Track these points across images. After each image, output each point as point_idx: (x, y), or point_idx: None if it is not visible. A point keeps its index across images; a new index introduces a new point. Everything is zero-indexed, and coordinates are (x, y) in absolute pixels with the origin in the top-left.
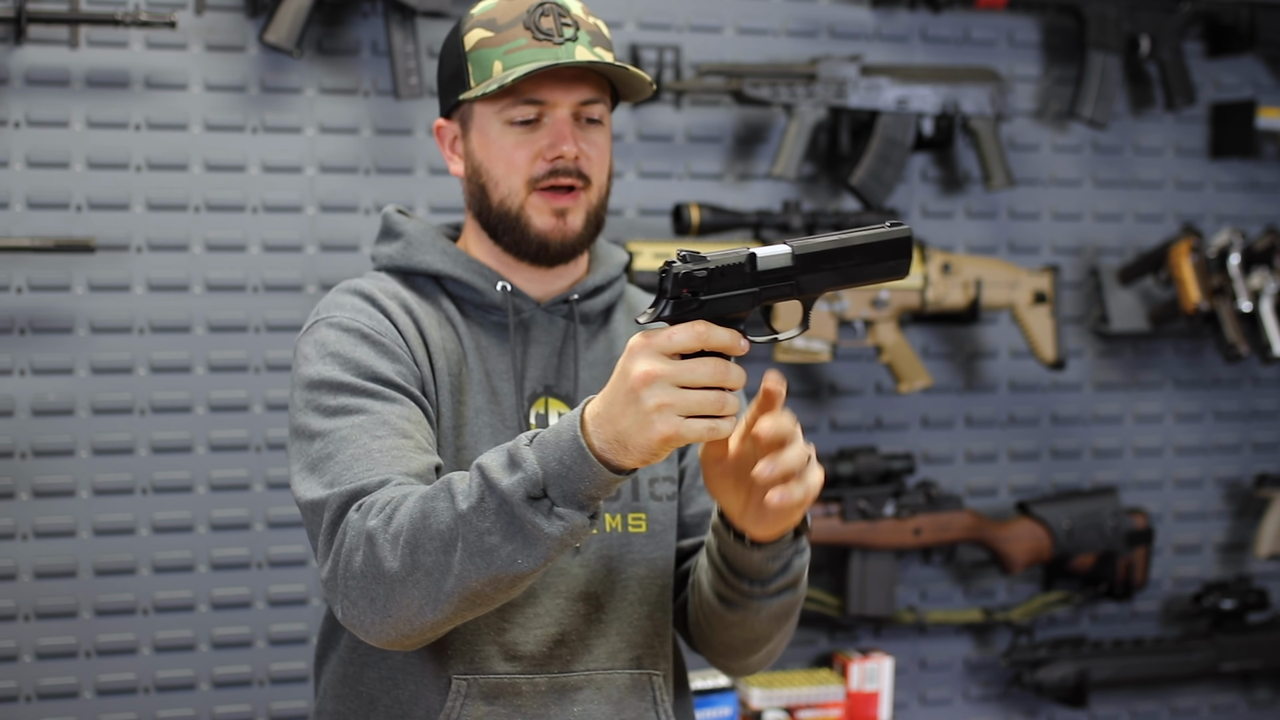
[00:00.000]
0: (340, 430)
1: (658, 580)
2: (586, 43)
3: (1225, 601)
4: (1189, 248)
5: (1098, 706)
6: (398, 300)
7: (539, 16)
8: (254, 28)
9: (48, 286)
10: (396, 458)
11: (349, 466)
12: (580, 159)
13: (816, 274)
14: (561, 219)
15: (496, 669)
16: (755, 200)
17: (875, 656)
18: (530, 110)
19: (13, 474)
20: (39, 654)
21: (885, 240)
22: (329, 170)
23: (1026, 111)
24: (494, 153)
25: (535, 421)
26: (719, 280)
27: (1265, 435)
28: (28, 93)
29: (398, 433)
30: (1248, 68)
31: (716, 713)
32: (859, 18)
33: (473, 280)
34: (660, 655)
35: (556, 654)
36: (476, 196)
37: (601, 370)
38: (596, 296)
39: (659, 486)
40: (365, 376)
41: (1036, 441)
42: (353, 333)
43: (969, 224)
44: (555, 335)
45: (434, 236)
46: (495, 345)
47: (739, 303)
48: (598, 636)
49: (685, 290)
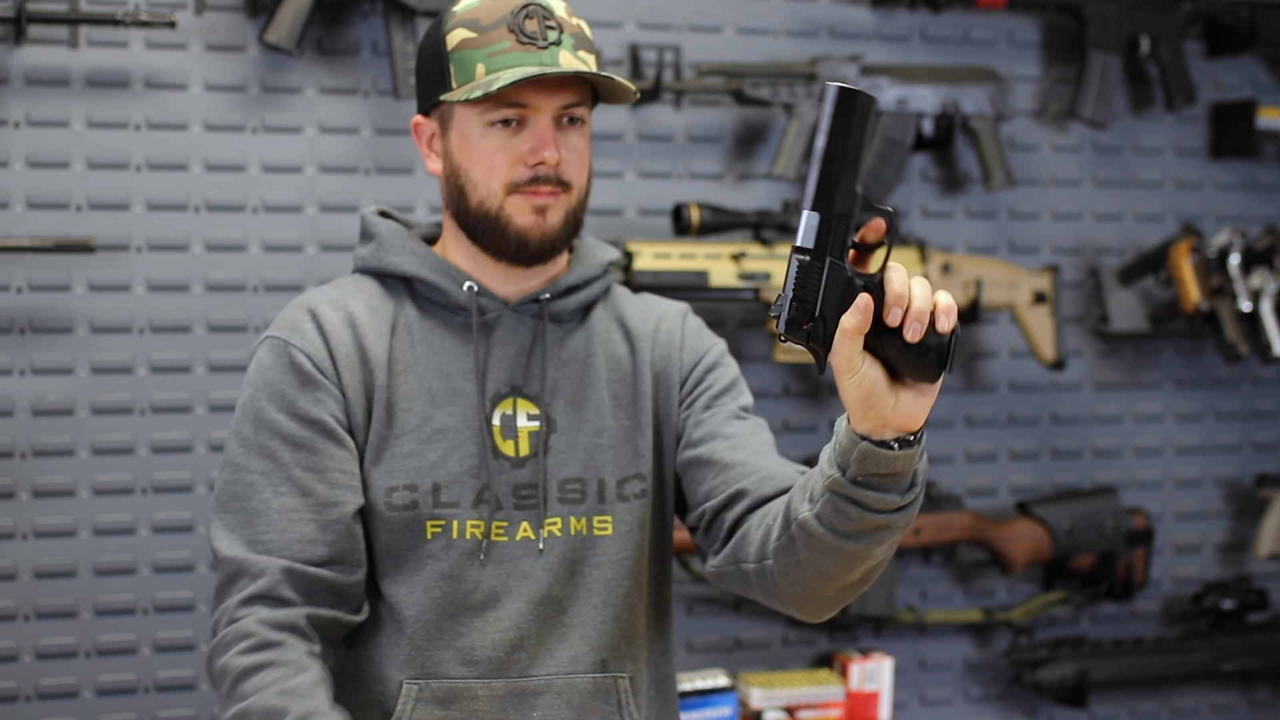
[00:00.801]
0: (248, 474)
1: (624, 582)
2: (570, 46)
3: (1225, 601)
4: (1189, 248)
5: (1098, 706)
6: (344, 313)
7: (523, 19)
8: (254, 28)
9: (48, 286)
10: (291, 522)
11: (249, 523)
12: (561, 165)
13: (842, 194)
14: (541, 216)
15: (451, 673)
16: (755, 200)
17: (875, 656)
18: (512, 113)
19: (13, 474)
20: (39, 654)
21: (838, 111)
22: (329, 170)
23: (1026, 111)
24: (474, 155)
25: (500, 422)
26: (826, 294)
27: (1265, 435)
28: (28, 93)
29: (298, 490)
30: (1248, 68)
31: (716, 713)
32: (859, 18)
33: (438, 281)
34: (627, 658)
35: (515, 658)
36: (455, 197)
37: (576, 370)
38: (570, 296)
39: (628, 486)
40: (286, 412)
41: (1036, 441)
42: (284, 360)
43: (969, 224)
44: (524, 335)
45: (405, 238)
46: (460, 346)
47: (841, 281)
48: (559, 641)
49: (805, 327)
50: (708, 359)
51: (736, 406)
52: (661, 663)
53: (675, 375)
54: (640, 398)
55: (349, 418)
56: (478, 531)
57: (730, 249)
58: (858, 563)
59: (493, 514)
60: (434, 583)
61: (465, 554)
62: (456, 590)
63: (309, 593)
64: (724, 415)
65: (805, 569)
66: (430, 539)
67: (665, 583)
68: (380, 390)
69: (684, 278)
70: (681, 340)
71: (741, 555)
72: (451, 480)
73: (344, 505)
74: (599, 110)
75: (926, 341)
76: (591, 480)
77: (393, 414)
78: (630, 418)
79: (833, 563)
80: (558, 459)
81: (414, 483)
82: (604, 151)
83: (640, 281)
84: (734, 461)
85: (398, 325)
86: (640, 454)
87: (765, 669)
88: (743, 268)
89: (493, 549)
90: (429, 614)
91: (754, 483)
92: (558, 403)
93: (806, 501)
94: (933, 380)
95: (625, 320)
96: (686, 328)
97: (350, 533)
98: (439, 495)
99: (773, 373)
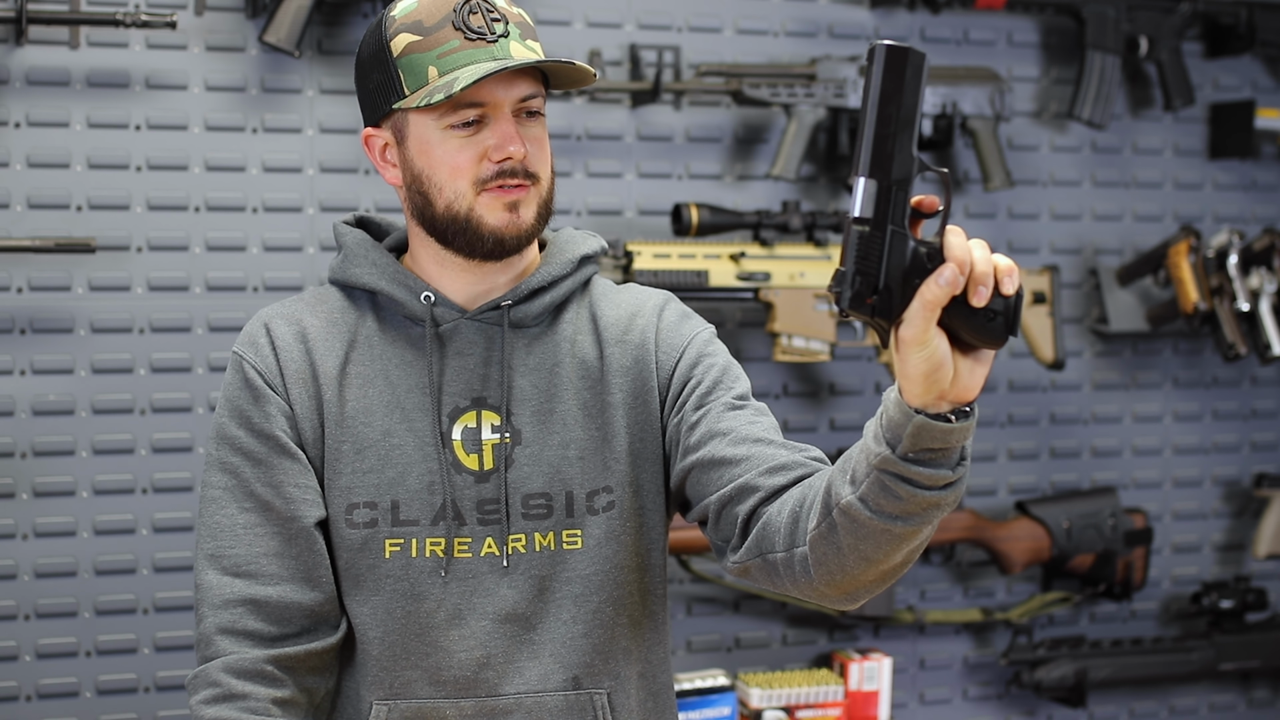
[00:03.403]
0: (212, 489)
1: (594, 597)
2: (517, 36)
3: (1224, 601)
4: (1188, 248)
5: (1096, 706)
6: (297, 328)
7: (467, 14)
8: (254, 28)
9: (48, 286)
10: (257, 537)
11: (214, 537)
12: (527, 158)
13: (900, 159)
14: (514, 212)
15: (419, 694)
16: (755, 200)
17: (874, 656)
18: (472, 113)
19: (13, 474)
20: (39, 654)
21: (889, 71)
22: (329, 170)
23: (1025, 112)
24: (435, 159)
25: (462, 436)
26: (890, 265)
27: (1264, 435)
28: (28, 93)
29: (260, 505)
30: (1246, 68)
31: (716, 712)
32: (859, 18)
33: (394, 292)
34: (605, 674)
35: (482, 677)
36: (419, 205)
37: (543, 378)
38: (534, 300)
39: (598, 499)
40: (244, 427)
41: (1035, 441)
42: (239, 375)
43: (968, 224)
44: (484, 344)
45: (369, 248)
46: (419, 359)
47: (905, 251)
48: (530, 659)
49: (869, 301)
50: (689, 354)
51: (730, 397)
52: (657, 673)
53: (652, 380)
54: (609, 407)
55: (299, 433)
56: (438, 549)
57: (730, 249)
58: (902, 544)
59: (455, 530)
60: (396, 602)
61: (426, 572)
62: (420, 609)
63: (279, 620)
64: (718, 410)
65: (846, 555)
66: (389, 558)
67: (654, 592)
68: (330, 406)
69: (684, 278)
70: (656, 339)
71: (767, 546)
72: (410, 497)
73: (304, 519)
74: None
75: (992, 306)
76: (559, 494)
77: (349, 430)
78: (599, 428)
79: (876, 547)
80: (521, 472)
81: (373, 500)
82: (604, 151)
83: (640, 281)
84: (736, 457)
85: (359, 339)
86: (609, 466)
87: (764, 669)
88: (742, 268)
89: (455, 565)
90: (393, 634)
91: (762, 474)
92: (524, 413)
93: (849, 484)
94: (1000, 344)
95: (598, 320)
96: (662, 323)
97: (313, 547)
98: (398, 513)
99: (773, 373)
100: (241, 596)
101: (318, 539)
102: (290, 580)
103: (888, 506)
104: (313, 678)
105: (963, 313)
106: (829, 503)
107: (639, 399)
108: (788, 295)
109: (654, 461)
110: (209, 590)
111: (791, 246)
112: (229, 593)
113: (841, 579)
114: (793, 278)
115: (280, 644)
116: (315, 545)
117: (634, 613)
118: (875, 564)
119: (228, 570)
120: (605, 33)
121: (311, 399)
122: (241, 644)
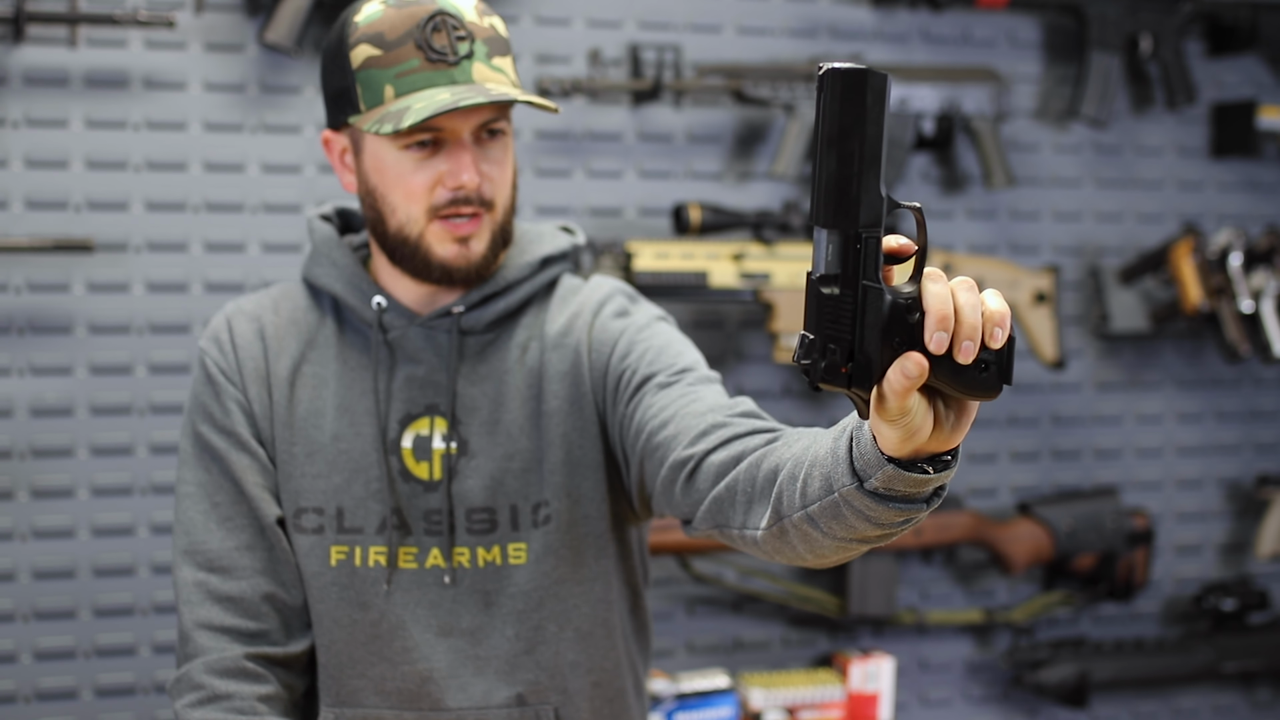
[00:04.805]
0: (185, 485)
1: (536, 613)
2: (484, 55)
3: (1226, 602)
4: (1190, 248)
5: (1098, 707)
6: (257, 325)
7: (430, 32)
8: (253, 28)
9: (47, 286)
10: (229, 532)
11: (187, 533)
12: (482, 184)
13: (867, 201)
14: (464, 245)
15: (365, 702)
16: (755, 200)
17: (875, 657)
18: (427, 136)
19: (12, 474)
20: (38, 654)
21: (848, 99)
22: (329, 170)
23: (1027, 111)
24: (389, 179)
25: (413, 444)
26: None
27: (1266, 435)
28: (26, 92)
29: (231, 499)
30: (1249, 67)
31: (716, 713)
32: (859, 17)
33: (347, 297)
34: (551, 689)
35: (425, 691)
36: (372, 219)
37: (492, 387)
38: (488, 306)
39: (540, 511)
40: (209, 424)
41: (1037, 442)
42: (203, 371)
43: (969, 224)
44: (435, 352)
45: (331, 247)
46: (370, 365)
47: (881, 308)
48: (474, 675)
49: (844, 370)
50: (619, 348)
51: (665, 376)
52: (613, 679)
53: (585, 384)
54: (544, 416)
55: (258, 430)
56: (381, 559)
57: (730, 249)
58: (860, 549)
59: (399, 540)
60: (342, 610)
61: (370, 582)
62: (365, 618)
63: (255, 615)
64: (649, 398)
65: (804, 555)
66: (335, 565)
67: (603, 600)
68: (279, 408)
69: (684, 278)
70: (589, 340)
71: (722, 520)
72: (355, 505)
73: (266, 517)
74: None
75: (982, 357)
76: (502, 508)
77: (300, 432)
78: (534, 440)
79: (832, 553)
80: (464, 485)
81: (321, 505)
82: (604, 151)
83: (640, 281)
84: (665, 439)
85: (318, 339)
86: (544, 478)
87: (765, 669)
88: (743, 268)
89: (400, 576)
90: (340, 642)
91: (686, 446)
92: (472, 423)
93: (799, 498)
94: (994, 396)
95: (545, 325)
96: (596, 322)
97: (278, 543)
98: (343, 520)
99: (772, 373)
100: (218, 593)
101: (281, 537)
102: (263, 574)
103: (840, 532)
104: (291, 676)
105: (949, 369)
106: (780, 509)
107: (574, 405)
108: (788, 295)
109: (594, 469)
110: (185, 586)
111: (792, 246)
112: (205, 589)
113: (802, 564)
114: (793, 278)
115: (258, 641)
116: (280, 543)
117: (581, 625)
118: (833, 559)
119: (202, 566)
120: (605, 32)
121: (266, 398)
122: (220, 640)
